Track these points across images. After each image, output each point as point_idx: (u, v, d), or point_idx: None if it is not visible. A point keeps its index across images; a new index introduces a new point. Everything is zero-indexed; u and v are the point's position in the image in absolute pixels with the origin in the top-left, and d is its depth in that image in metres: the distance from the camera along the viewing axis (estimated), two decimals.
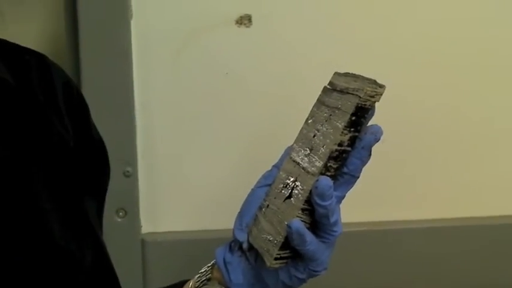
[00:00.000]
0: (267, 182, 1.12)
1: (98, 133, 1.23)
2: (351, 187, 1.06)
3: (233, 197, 1.16)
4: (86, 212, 1.16)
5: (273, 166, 1.13)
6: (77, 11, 1.46)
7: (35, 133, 1.09)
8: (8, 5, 1.34)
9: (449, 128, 1.64)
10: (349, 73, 1.07)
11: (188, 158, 1.57)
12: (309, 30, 1.54)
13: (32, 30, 1.50)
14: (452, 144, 1.65)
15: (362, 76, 1.04)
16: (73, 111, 1.17)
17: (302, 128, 1.10)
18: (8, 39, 1.13)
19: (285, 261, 1.06)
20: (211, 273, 1.16)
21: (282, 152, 1.12)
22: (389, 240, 1.63)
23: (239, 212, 1.13)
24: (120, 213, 1.53)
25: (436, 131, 1.63)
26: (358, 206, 1.43)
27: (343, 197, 1.06)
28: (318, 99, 1.10)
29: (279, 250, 1.04)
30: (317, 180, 1.01)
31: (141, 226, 1.56)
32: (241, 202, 1.14)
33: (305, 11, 1.52)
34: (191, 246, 1.55)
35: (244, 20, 1.50)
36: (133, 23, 1.48)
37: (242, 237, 1.10)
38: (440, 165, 1.65)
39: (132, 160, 1.52)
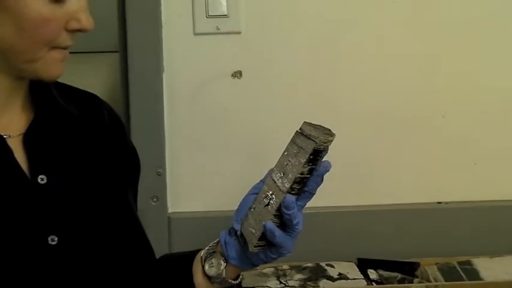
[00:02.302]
0: (255, 191, 1.25)
1: (132, 144, 1.38)
2: (309, 200, 1.20)
3: (236, 188, 1.31)
4: (127, 199, 1.32)
5: (260, 181, 1.26)
6: (127, 69, 1.71)
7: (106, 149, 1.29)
8: (80, 64, 1.43)
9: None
10: (312, 123, 1.19)
11: (202, 164, 1.78)
12: (285, 81, 1.75)
13: (96, 82, 1.58)
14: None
15: (322, 126, 1.16)
16: (117, 133, 1.34)
17: (280, 157, 1.22)
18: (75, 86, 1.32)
19: (262, 247, 1.20)
20: (216, 247, 1.29)
21: (267, 169, 1.25)
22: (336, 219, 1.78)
23: (237, 209, 1.26)
24: (154, 199, 1.75)
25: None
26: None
27: (304, 205, 1.20)
28: (291, 139, 1.21)
29: (257, 241, 1.19)
30: (285, 197, 1.16)
31: (168, 208, 1.78)
32: (242, 193, 1.27)
33: (281, 67, 1.74)
34: (204, 223, 1.71)
35: (237, 74, 1.73)
36: (164, 75, 1.73)
37: (237, 227, 1.24)
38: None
39: (162, 164, 1.75)
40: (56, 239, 1.15)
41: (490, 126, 1.80)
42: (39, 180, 1.16)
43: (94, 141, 1.28)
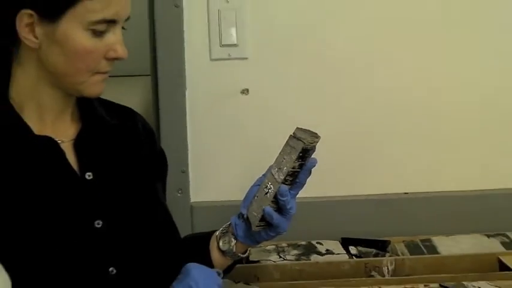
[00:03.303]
0: (258, 183, 1.28)
1: (160, 147, 1.40)
2: (300, 189, 1.23)
3: (244, 183, 1.33)
4: (156, 191, 1.33)
5: (263, 175, 1.28)
6: (158, 88, 1.72)
7: (139, 150, 1.31)
8: (118, 86, 1.40)
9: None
10: (303, 128, 1.21)
11: (217, 163, 1.78)
12: (284, 96, 1.74)
13: (132, 100, 1.58)
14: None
15: (310, 130, 1.19)
16: (148, 139, 1.35)
17: (277, 155, 1.24)
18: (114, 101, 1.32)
19: (262, 227, 1.24)
20: (228, 228, 1.31)
21: (267, 167, 1.27)
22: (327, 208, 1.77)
23: (244, 197, 1.29)
24: (179, 192, 1.75)
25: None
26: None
27: (296, 194, 1.23)
28: (286, 141, 1.23)
29: (258, 222, 1.23)
30: (279, 187, 1.19)
31: (190, 198, 1.77)
32: (249, 187, 1.30)
33: (280, 85, 1.74)
34: (219, 210, 1.66)
35: (245, 91, 1.74)
36: (187, 93, 1.73)
37: (244, 212, 1.27)
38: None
39: (185, 163, 1.75)
40: (101, 222, 1.19)
41: (449, 125, 1.79)
42: (86, 176, 1.19)
43: (130, 145, 1.29)
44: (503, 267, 1.55)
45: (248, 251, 1.35)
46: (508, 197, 1.79)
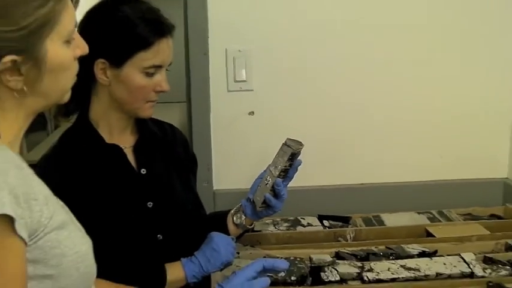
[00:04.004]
0: (261, 177, 1.27)
1: (192, 151, 1.39)
2: (290, 181, 1.24)
3: (252, 175, 1.31)
4: (190, 182, 1.32)
5: (263, 171, 1.28)
6: (191, 112, 1.68)
7: (177, 155, 1.30)
8: (163, 110, 1.35)
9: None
10: (292, 138, 1.21)
11: (232, 163, 1.72)
12: (279, 117, 1.69)
13: (174, 118, 1.52)
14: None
15: (297, 140, 1.19)
16: (183, 145, 1.34)
17: (274, 157, 1.25)
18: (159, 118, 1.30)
19: (264, 208, 1.24)
20: (239, 208, 1.30)
21: (267, 165, 1.27)
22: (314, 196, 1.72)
23: (251, 187, 1.28)
24: (205, 183, 1.71)
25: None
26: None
27: (287, 184, 1.24)
28: (280, 147, 1.23)
29: (261, 204, 1.23)
30: (275, 179, 1.20)
31: (213, 187, 1.73)
32: (255, 178, 1.29)
33: (275, 108, 1.69)
34: (234, 195, 1.53)
35: (251, 113, 1.71)
36: (211, 115, 1.70)
37: (251, 196, 1.27)
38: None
39: (210, 162, 1.72)
40: (151, 203, 1.19)
41: (394, 128, 1.73)
42: (141, 171, 1.20)
43: (171, 150, 1.30)
44: (428, 234, 1.55)
45: (253, 224, 1.33)
46: (432, 186, 1.77)
